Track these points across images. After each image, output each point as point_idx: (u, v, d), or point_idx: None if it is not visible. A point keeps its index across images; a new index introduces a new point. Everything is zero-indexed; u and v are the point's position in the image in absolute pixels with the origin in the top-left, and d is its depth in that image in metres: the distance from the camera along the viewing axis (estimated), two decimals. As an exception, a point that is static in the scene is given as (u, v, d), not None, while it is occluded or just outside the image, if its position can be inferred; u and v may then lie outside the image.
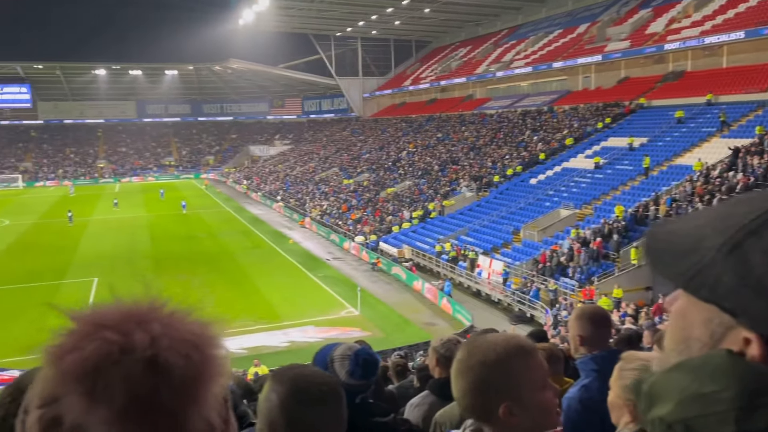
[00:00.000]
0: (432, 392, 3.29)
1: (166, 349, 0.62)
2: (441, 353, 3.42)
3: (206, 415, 0.66)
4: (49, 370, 0.63)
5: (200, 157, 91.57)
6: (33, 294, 26.59)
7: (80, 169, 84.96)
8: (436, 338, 3.70)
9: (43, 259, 33.39)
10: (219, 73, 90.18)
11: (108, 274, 29.51)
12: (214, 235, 39.88)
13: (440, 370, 3.39)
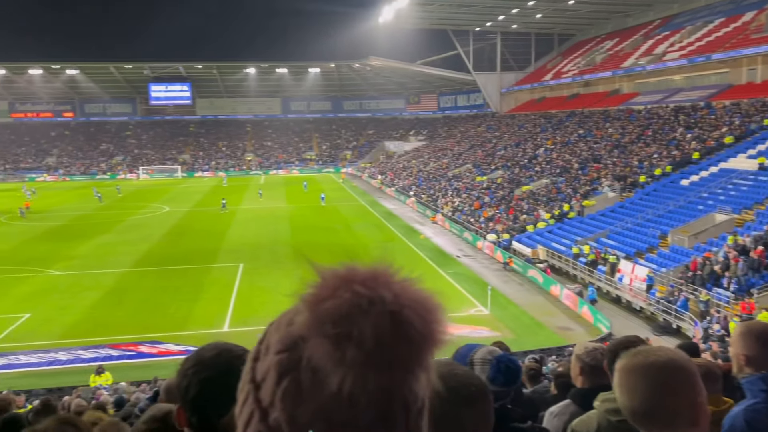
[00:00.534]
0: (574, 401, 3.13)
1: (407, 307, 0.68)
2: (586, 362, 3.22)
3: (426, 381, 0.71)
4: (303, 315, 0.69)
5: (338, 152, 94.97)
6: (187, 275, 29.04)
7: (231, 161, 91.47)
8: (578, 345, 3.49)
9: (197, 243, 36.32)
10: (358, 70, 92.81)
11: (252, 260, 31.52)
12: (349, 228, 41.16)
13: (584, 380, 3.22)
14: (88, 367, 18.27)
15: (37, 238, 38.80)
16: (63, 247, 35.54)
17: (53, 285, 27.69)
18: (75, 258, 32.88)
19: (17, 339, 21.13)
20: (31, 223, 44.94)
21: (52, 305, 24.67)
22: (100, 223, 44.37)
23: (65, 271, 30.05)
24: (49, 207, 53.61)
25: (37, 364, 19.23)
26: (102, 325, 22.29)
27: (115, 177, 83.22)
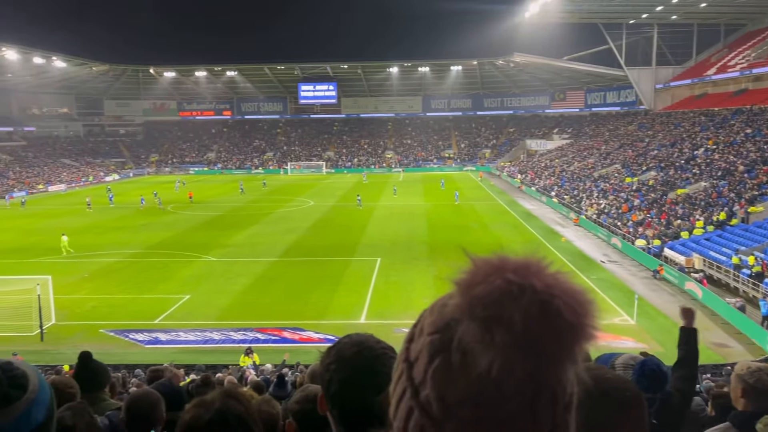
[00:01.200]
0: (734, 425, 2.85)
1: (558, 297, 0.69)
2: (749, 383, 2.93)
3: (575, 376, 0.72)
4: (455, 299, 0.71)
5: (477, 150, 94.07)
6: (328, 266, 30.28)
7: (371, 158, 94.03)
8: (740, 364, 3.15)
9: (338, 237, 37.76)
10: (501, 67, 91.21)
11: (389, 256, 32.16)
12: (485, 227, 40.63)
13: (746, 402, 2.95)
14: (237, 348, 19.67)
15: (198, 226, 42.47)
16: (219, 235, 38.58)
17: (210, 270, 30.16)
18: (229, 246, 35.56)
19: (178, 318, 23.27)
20: (193, 212, 49.31)
21: (209, 289, 26.87)
22: (251, 214, 47.62)
23: (220, 258, 32.59)
24: (208, 198, 58.48)
25: (194, 341, 21.03)
26: (251, 310, 23.90)
27: (268, 171, 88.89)
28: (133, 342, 20.91)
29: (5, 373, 1.37)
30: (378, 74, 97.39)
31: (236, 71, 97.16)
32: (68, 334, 21.56)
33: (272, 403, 1.88)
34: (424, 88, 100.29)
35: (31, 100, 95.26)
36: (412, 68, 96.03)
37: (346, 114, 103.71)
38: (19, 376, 1.39)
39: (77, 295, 25.69)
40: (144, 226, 42.89)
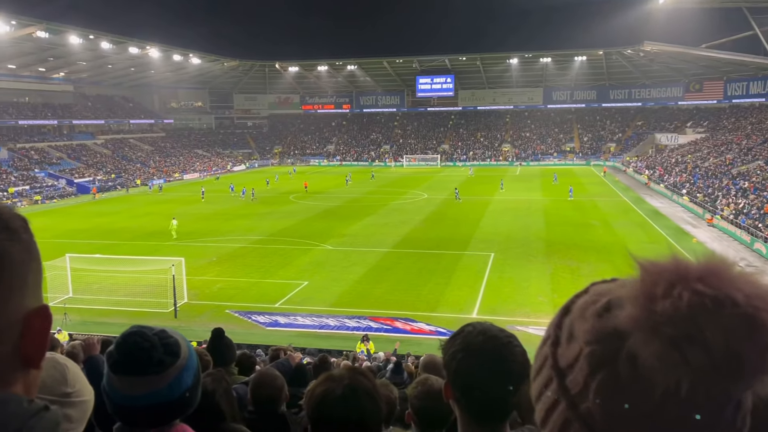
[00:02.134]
0: None
1: (763, 310, 0.60)
2: None
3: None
4: (628, 310, 0.64)
5: (601, 144, 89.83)
6: (441, 259, 30.26)
7: (487, 152, 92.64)
8: None
9: (451, 230, 37.61)
10: (630, 57, 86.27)
11: (503, 251, 31.57)
12: (608, 225, 38.72)
13: None
14: (351, 335, 20.21)
15: (316, 216, 44.05)
16: (336, 225, 39.76)
17: (327, 258, 31.17)
18: (346, 236, 36.55)
19: (296, 302, 24.28)
20: (313, 202, 51.19)
21: (325, 276, 27.79)
22: (367, 206, 48.62)
23: (337, 247, 33.59)
24: (326, 189, 60.42)
25: (311, 326, 21.87)
26: (364, 298, 24.44)
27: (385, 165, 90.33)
28: (255, 323, 22.10)
29: (161, 341, 1.51)
30: (497, 66, 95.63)
31: (356, 65, 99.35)
32: (198, 313, 23.18)
33: (390, 387, 1.93)
34: (546, 79, 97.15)
35: (170, 95, 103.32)
36: (533, 59, 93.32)
37: (462, 107, 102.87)
38: (173, 344, 1.53)
39: (206, 277, 27.54)
40: (268, 214, 45.12)
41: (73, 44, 65.66)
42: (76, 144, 76.49)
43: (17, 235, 0.83)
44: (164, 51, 79.03)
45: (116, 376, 1.49)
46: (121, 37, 71.21)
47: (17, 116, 72.11)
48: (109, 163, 73.47)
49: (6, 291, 0.79)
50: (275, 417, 3.38)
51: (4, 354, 0.79)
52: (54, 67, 78.12)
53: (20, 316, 0.81)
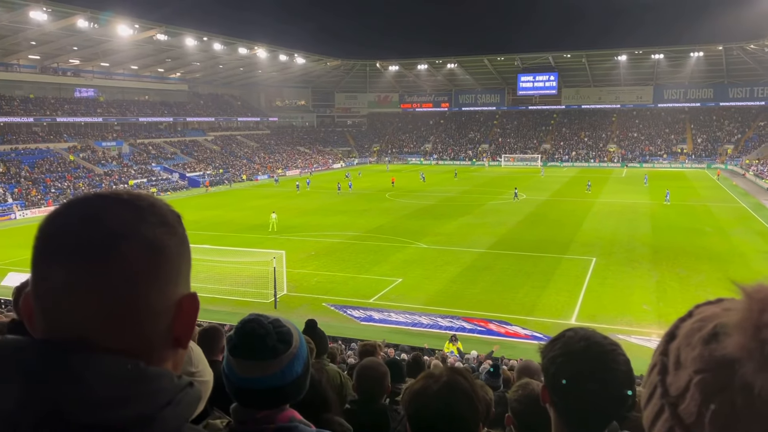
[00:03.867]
0: None
1: None
2: None
3: None
4: (735, 338, 0.63)
5: (717, 146, 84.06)
6: (539, 262, 29.48)
7: (591, 152, 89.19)
8: None
9: (550, 232, 36.54)
10: (753, 52, 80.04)
11: (606, 256, 30.28)
12: (723, 232, 36.16)
13: None
14: (444, 334, 20.13)
15: (412, 214, 44.25)
16: (431, 224, 39.75)
17: (421, 256, 31.23)
18: (440, 234, 36.45)
19: (390, 299, 24.51)
20: (409, 200, 51.49)
21: (419, 274, 27.85)
22: (463, 205, 48.24)
23: (431, 246, 33.56)
24: (421, 188, 60.54)
25: (404, 323, 22.00)
26: (458, 298, 24.26)
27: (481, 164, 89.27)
28: (350, 317, 22.53)
29: (275, 329, 1.61)
30: (604, 63, 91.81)
31: (456, 63, 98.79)
32: (296, 305, 23.95)
33: (486, 389, 1.90)
34: (657, 77, 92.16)
35: (275, 94, 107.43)
36: (643, 56, 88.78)
37: (566, 105, 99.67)
38: (286, 333, 1.63)
39: (305, 270, 28.40)
40: (365, 211, 45.86)
41: (189, 46, 69.75)
42: (189, 140, 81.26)
43: (174, 228, 0.92)
44: (271, 51, 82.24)
45: (234, 359, 1.60)
46: (231, 38, 74.87)
47: (138, 113, 77.62)
48: (218, 159, 77.48)
49: (164, 279, 0.88)
50: (376, 409, 3.43)
51: (160, 335, 0.89)
52: (171, 67, 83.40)
53: (174, 302, 0.90)
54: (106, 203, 0.89)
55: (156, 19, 64.90)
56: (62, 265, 0.83)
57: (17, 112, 62.77)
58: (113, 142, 70.04)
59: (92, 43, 64.01)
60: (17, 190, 51.00)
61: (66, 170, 58.51)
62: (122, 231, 0.85)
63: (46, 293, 0.85)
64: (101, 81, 75.80)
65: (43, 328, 0.85)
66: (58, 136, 65.73)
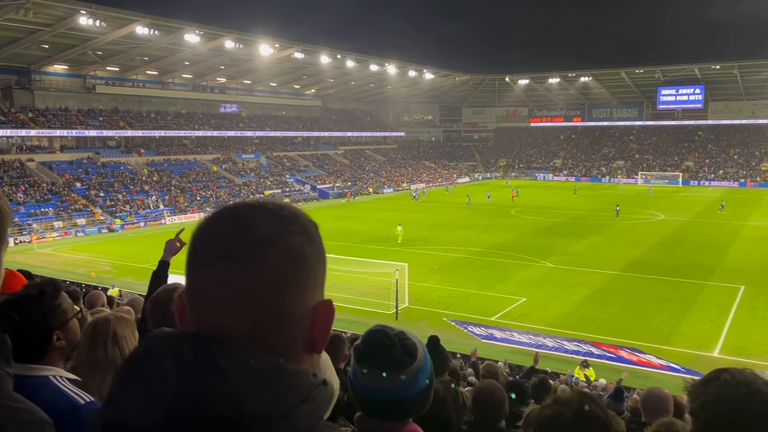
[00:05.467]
0: None
1: None
2: None
3: None
4: None
5: None
6: (677, 288, 27.38)
7: (741, 171, 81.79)
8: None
9: (692, 256, 33.84)
10: None
11: (757, 285, 27.51)
12: None
13: None
14: (569, 358, 19.22)
15: (538, 231, 42.94)
16: (559, 242, 38.30)
17: (547, 276, 30.14)
18: (568, 254, 35.00)
19: (513, 318, 23.85)
20: (535, 217, 50.06)
21: (544, 294, 26.87)
22: (594, 224, 46.05)
23: (558, 265, 32.31)
24: (548, 205, 58.58)
25: (527, 344, 21.28)
26: (586, 322, 23.10)
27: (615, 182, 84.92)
28: (470, 334, 22.20)
29: (401, 341, 1.61)
30: (760, 74, 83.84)
31: (590, 77, 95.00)
32: (417, 318, 24.01)
33: (618, 420, 1.69)
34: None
35: (403, 109, 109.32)
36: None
37: (712, 120, 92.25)
38: (411, 346, 1.63)
39: (427, 284, 28.44)
40: (489, 226, 45.19)
41: (323, 63, 72.96)
42: (320, 153, 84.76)
43: (313, 237, 0.98)
44: (401, 67, 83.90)
45: (360, 368, 1.62)
46: (363, 56, 77.33)
47: (275, 128, 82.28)
48: (347, 172, 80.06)
49: (304, 284, 0.93)
50: None
51: (299, 338, 0.94)
52: (306, 84, 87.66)
53: (311, 307, 0.95)
54: (254, 212, 0.95)
55: (293, 38, 68.67)
56: (213, 268, 0.90)
57: (171, 126, 68.91)
58: (252, 155, 74.72)
59: (237, 62, 68.88)
60: (167, 197, 55.83)
61: (210, 180, 63.24)
62: (268, 238, 0.91)
63: (198, 293, 0.92)
64: (243, 97, 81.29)
65: (194, 325, 0.93)
66: (204, 149, 71.27)
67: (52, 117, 57.82)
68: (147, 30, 52.96)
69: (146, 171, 60.20)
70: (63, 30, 49.49)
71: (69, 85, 61.92)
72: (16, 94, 57.09)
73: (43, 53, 55.64)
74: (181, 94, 73.71)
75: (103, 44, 54.97)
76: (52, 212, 46.66)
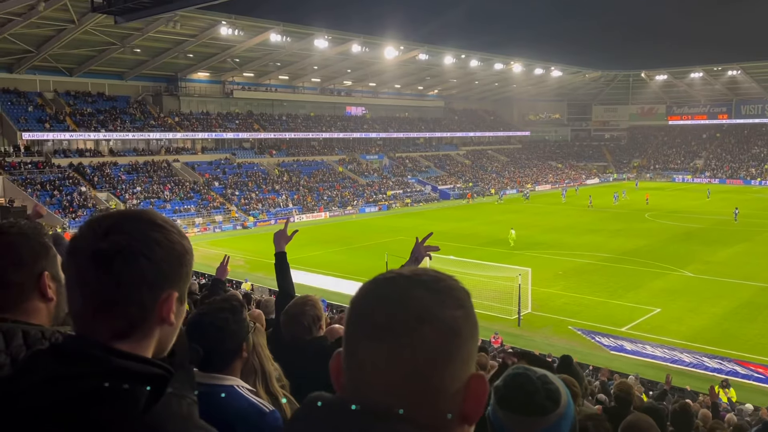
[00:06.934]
0: None
1: None
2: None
3: None
4: None
5: None
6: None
7: None
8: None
9: None
10: None
11: None
12: None
13: None
14: (708, 376, 17.67)
15: (675, 237, 39.94)
16: (699, 250, 35.39)
17: (685, 285, 27.93)
18: (710, 263, 32.23)
19: (645, 329, 22.30)
20: (672, 222, 46.63)
21: (682, 305, 24.90)
22: (741, 230, 42.09)
23: (698, 275, 29.83)
24: (686, 209, 54.31)
25: (661, 358, 19.81)
26: (729, 337, 21.12)
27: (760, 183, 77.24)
28: (598, 345, 21.06)
29: (543, 385, 1.57)
30: None
31: (739, 70, 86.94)
32: (541, 325, 23.18)
33: None
34: None
35: (528, 108, 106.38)
36: None
37: None
38: (554, 390, 1.58)
39: (551, 290, 27.38)
40: (618, 231, 42.74)
41: (447, 64, 72.71)
42: (442, 154, 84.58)
43: (467, 311, 1.00)
44: (527, 65, 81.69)
45: (501, 411, 1.58)
46: (488, 54, 76.17)
47: (398, 129, 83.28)
48: (468, 173, 79.25)
49: (459, 361, 0.95)
50: None
51: (452, 412, 0.95)
52: (430, 85, 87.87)
53: (465, 381, 0.97)
54: (410, 285, 0.97)
55: (417, 40, 69.02)
56: (371, 342, 0.93)
57: (300, 128, 71.96)
58: (375, 156, 76.15)
59: (363, 65, 70.48)
60: (296, 196, 58.33)
61: (335, 180, 65.26)
62: (425, 314, 0.93)
63: (356, 363, 0.95)
64: (368, 100, 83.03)
65: (350, 392, 0.96)
66: (331, 150, 73.67)
67: (195, 121, 62.48)
68: (280, 37, 55.62)
69: (277, 171, 63.29)
70: (206, 40, 53.27)
71: (210, 90, 66.62)
72: (164, 100, 62.33)
73: (188, 62, 60.19)
74: (310, 98, 76.69)
75: (240, 52, 58.48)
76: (194, 209, 50.40)
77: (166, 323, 1.15)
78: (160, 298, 1.13)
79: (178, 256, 1.16)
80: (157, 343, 1.16)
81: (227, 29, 51.38)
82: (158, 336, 1.16)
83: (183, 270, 1.18)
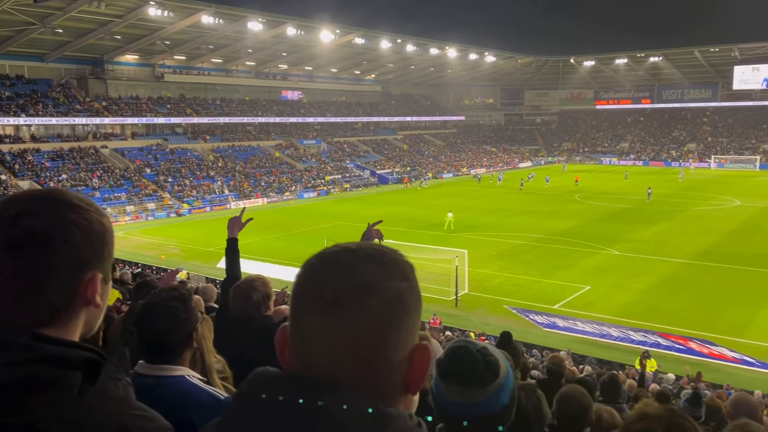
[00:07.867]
0: None
1: None
2: None
3: None
4: None
5: None
6: (753, 278, 26.11)
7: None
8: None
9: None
10: None
11: (841, 276, 25.90)
12: None
13: None
14: (634, 349, 18.68)
15: (603, 218, 41.71)
16: (625, 229, 37.10)
17: (612, 264, 29.30)
18: (635, 241, 33.87)
19: (576, 307, 23.32)
20: (600, 203, 48.63)
21: (609, 282, 26.15)
22: (662, 210, 44.36)
23: (624, 253, 31.32)
24: (614, 191, 56.76)
25: (590, 333, 20.79)
26: (652, 311, 22.35)
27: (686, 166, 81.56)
28: (532, 322, 21.87)
29: (483, 358, 1.62)
30: None
31: (661, 56, 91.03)
32: (477, 305, 23.84)
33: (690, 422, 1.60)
34: None
35: (463, 93, 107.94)
36: None
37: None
38: (493, 362, 1.63)
39: (487, 271, 28.16)
40: (551, 213, 44.23)
41: (383, 48, 72.75)
42: (380, 139, 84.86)
43: (412, 284, 1.00)
44: (461, 50, 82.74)
45: (443, 383, 1.63)
46: (423, 39, 76.68)
47: (335, 114, 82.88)
48: (406, 157, 79.91)
49: (403, 332, 0.96)
50: None
51: (397, 382, 0.97)
52: (366, 69, 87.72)
53: (409, 352, 0.98)
54: (356, 258, 0.97)
55: (354, 23, 68.69)
56: (319, 314, 0.94)
57: (235, 113, 70.47)
58: (313, 141, 75.59)
59: (298, 49, 69.56)
60: (232, 182, 57.30)
61: (273, 166, 64.42)
62: (372, 287, 0.94)
63: (303, 337, 0.96)
64: (305, 84, 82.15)
65: (297, 366, 0.97)
66: (267, 135, 72.58)
67: (124, 105, 60.16)
68: (212, 19, 54.16)
69: (212, 157, 61.90)
70: (133, 20, 51.20)
71: (139, 74, 64.21)
72: (90, 84, 59.64)
73: (115, 43, 57.76)
74: (245, 82, 75.16)
75: (170, 34, 56.58)
76: (125, 197, 48.74)
77: (92, 305, 1.11)
78: (83, 281, 1.09)
79: (99, 236, 1.11)
80: (84, 324, 1.13)
81: (156, 10, 49.57)
82: (84, 318, 1.12)
83: (105, 250, 1.13)
